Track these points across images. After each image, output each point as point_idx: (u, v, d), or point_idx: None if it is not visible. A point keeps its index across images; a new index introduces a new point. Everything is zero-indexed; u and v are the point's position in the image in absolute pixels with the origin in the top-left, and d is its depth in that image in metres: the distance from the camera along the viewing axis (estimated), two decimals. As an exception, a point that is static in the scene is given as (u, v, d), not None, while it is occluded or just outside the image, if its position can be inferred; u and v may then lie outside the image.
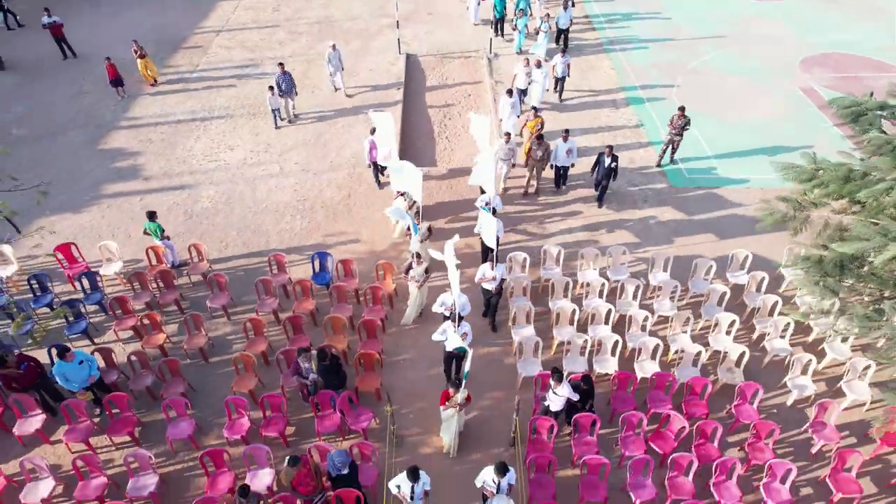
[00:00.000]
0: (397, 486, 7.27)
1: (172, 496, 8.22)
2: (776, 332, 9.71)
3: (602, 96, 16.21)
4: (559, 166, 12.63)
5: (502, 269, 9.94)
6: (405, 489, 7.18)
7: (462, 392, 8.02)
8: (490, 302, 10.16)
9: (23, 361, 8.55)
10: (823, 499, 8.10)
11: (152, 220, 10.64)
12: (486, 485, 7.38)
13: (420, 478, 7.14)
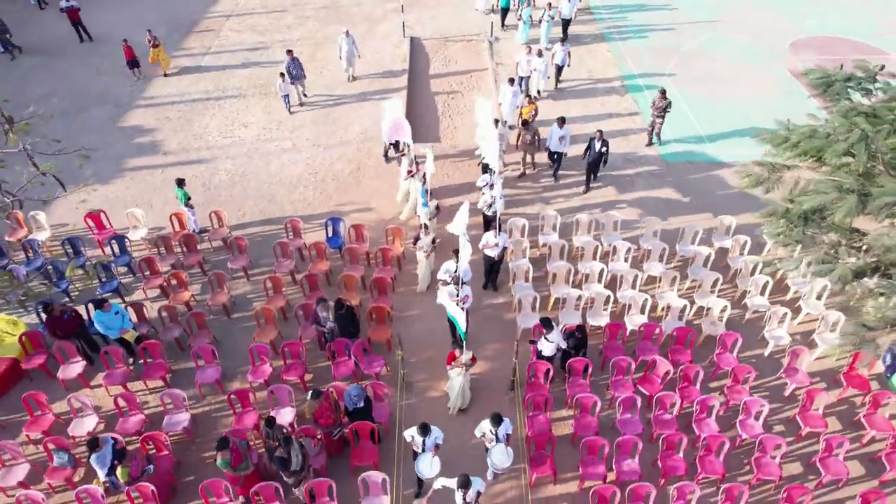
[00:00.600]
0: (411, 436, 7.79)
1: (202, 432, 9.03)
2: (756, 290, 10.50)
3: (601, 84, 16.76)
4: (553, 151, 13.11)
5: (504, 237, 10.67)
6: (417, 440, 7.74)
7: (467, 353, 8.70)
8: (492, 268, 10.90)
9: (66, 311, 9.35)
10: (793, 434, 8.90)
11: (180, 187, 11.39)
12: (485, 435, 7.92)
13: (431, 432, 7.66)
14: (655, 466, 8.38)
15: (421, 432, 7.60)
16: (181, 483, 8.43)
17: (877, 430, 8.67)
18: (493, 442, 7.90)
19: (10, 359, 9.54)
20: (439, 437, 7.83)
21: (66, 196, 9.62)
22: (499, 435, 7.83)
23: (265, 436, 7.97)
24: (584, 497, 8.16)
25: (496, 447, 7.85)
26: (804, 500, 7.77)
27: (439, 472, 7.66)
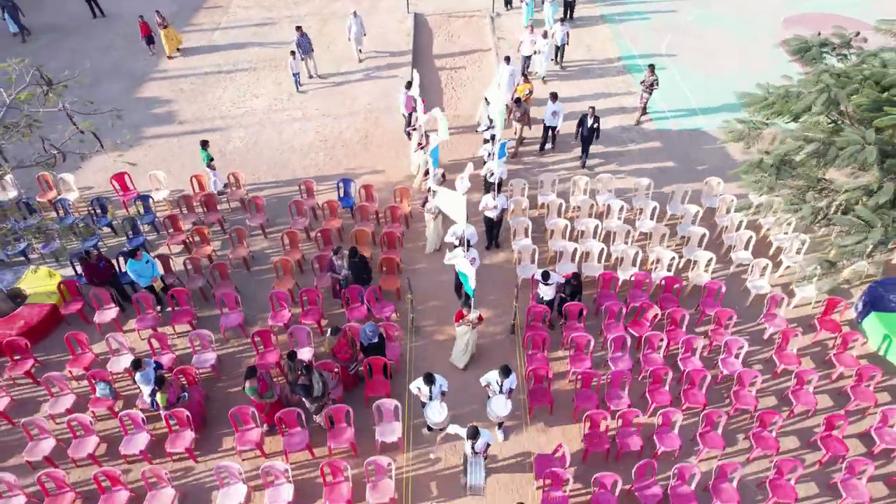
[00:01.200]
0: (417, 387, 8.35)
1: (228, 371, 9.83)
2: (741, 245, 11.27)
3: (601, 64, 17.25)
4: (547, 126, 13.67)
5: (503, 198, 11.39)
6: (424, 390, 8.33)
7: (474, 312, 9.34)
8: (492, 229, 11.61)
9: (101, 260, 10.11)
10: (769, 372, 9.71)
11: (204, 149, 12.10)
12: (490, 385, 8.52)
13: (436, 381, 8.21)
14: (644, 399, 9.18)
15: (426, 381, 8.16)
16: (210, 415, 9.24)
17: (845, 366, 9.48)
18: (496, 393, 8.50)
19: (50, 305, 10.31)
20: (444, 384, 8.41)
21: (103, 152, 10.32)
22: (503, 387, 8.42)
23: (287, 369, 8.77)
24: (578, 425, 8.98)
25: (497, 398, 8.46)
26: (775, 424, 8.60)
27: (447, 416, 8.35)
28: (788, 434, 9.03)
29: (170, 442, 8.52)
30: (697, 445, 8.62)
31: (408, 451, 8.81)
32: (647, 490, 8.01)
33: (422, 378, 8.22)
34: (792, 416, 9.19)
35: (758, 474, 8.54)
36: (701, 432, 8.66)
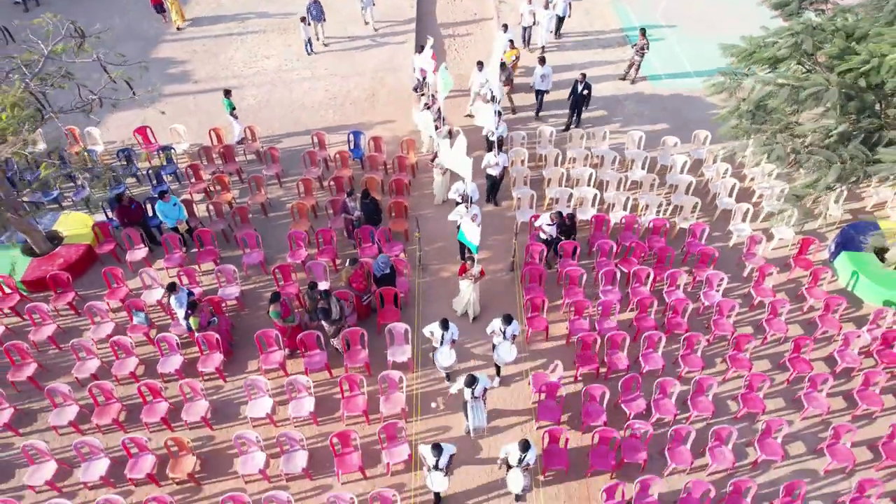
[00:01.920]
0: (430, 332, 8.89)
1: (250, 304, 10.72)
2: (725, 192, 12.08)
3: (602, 35, 17.63)
4: (537, 90, 14.20)
5: (504, 157, 12.07)
6: (437, 335, 8.92)
7: (476, 266, 10.05)
8: (493, 186, 12.29)
9: (133, 202, 10.95)
10: (747, 305, 10.60)
11: (227, 97, 12.87)
12: (494, 332, 9.06)
13: (449, 328, 8.77)
14: (631, 327, 10.09)
15: (442, 326, 8.74)
16: (236, 341, 10.15)
17: (815, 298, 10.37)
18: (500, 339, 9.09)
19: (86, 245, 11.17)
20: (455, 333, 8.97)
21: (135, 98, 11.07)
22: (506, 333, 9.03)
23: (307, 297, 9.65)
24: (571, 348, 9.90)
25: (503, 344, 9.08)
26: (749, 347, 9.53)
27: (454, 362, 9.08)
28: (762, 358, 9.94)
29: (201, 363, 9.45)
30: (679, 366, 9.53)
31: (417, 371, 9.74)
32: (632, 402, 8.95)
33: (437, 323, 8.76)
34: (765, 343, 10.11)
35: (732, 391, 9.48)
36: (682, 354, 9.57)
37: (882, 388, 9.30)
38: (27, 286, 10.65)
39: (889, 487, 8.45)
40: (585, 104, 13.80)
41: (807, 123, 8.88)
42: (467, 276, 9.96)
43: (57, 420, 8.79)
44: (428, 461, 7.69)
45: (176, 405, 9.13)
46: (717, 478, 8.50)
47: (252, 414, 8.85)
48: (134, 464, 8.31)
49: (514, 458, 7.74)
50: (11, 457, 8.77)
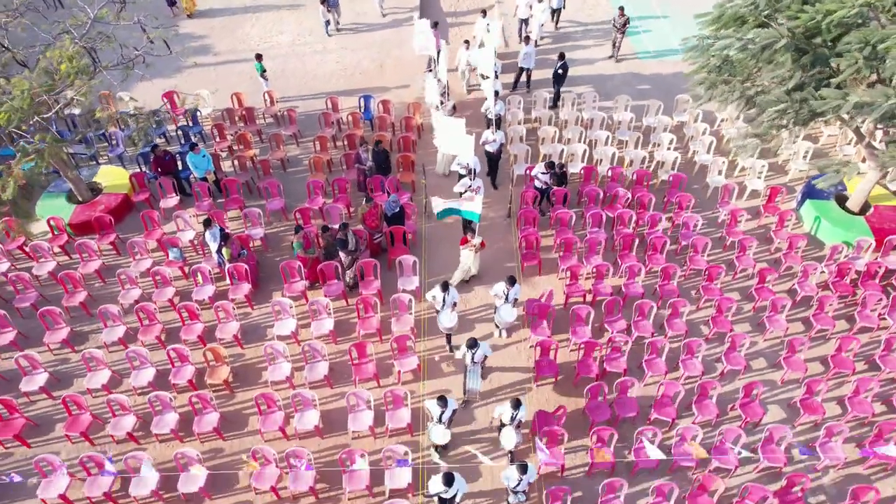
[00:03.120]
0: (433, 296, 9.56)
1: (273, 247, 11.90)
2: (703, 149, 13.25)
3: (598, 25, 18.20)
4: (521, 67, 15.10)
5: (501, 134, 12.94)
6: (438, 298, 9.57)
7: (477, 238, 10.91)
8: (491, 165, 12.88)
9: (167, 154, 12.13)
10: (720, 246, 11.79)
11: (259, 61, 14.11)
12: (497, 295, 9.76)
13: (450, 291, 9.45)
14: (616, 264, 11.26)
15: (443, 288, 9.42)
16: (261, 276, 11.34)
17: (780, 239, 11.55)
18: (503, 301, 9.76)
19: (123, 194, 12.35)
20: (456, 297, 9.70)
21: (172, 55, 12.20)
22: (509, 296, 9.73)
23: (322, 238, 10.78)
24: (562, 281, 11.09)
25: (504, 306, 9.73)
26: (720, 277, 10.72)
27: (455, 323, 9.69)
28: (732, 290, 11.12)
29: (231, 291, 10.64)
30: (657, 295, 10.71)
31: (423, 301, 10.92)
32: (615, 323, 10.14)
33: (439, 286, 9.49)
34: (735, 277, 11.30)
35: (704, 317, 10.67)
36: (660, 284, 10.76)
37: (835, 312, 10.51)
38: (73, 229, 11.82)
39: (835, 393, 9.66)
40: (562, 81, 14.53)
41: (766, 74, 10.03)
42: (468, 247, 10.76)
43: (107, 338, 10.00)
44: (433, 414, 8.44)
45: (210, 328, 10.31)
46: (689, 387, 9.68)
47: (278, 332, 10.05)
48: (177, 372, 9.52)
49: (506, 416, 8.37)
50: (70, 368, 9.98)
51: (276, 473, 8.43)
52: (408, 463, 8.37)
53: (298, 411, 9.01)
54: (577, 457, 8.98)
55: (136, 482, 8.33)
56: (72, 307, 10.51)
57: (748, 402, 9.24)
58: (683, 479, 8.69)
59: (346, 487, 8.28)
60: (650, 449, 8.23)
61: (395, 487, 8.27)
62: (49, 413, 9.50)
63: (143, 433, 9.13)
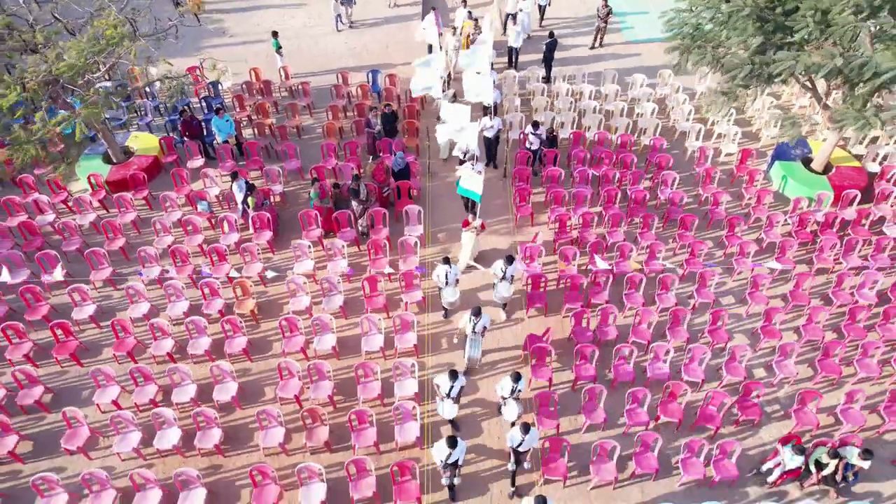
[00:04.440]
0: (437, 275, 10.25)
1: (291, 200, 13.13)
2: (683, 117, 14.49)
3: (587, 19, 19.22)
4: (510, 47, 16.30)
5: (498, 120, 13.72)
6: (442, 273, 10.15)
7: (478, 220, 11.82)
8: (490, 147, 13.79)
9: (194, 118, 13.36)
10: (697, 201, 13.02)
11: (275, 38, 15.32)
12: (496, 273, 10.41)
13: (452, 267, 10.05)
14: (601, 215, 12.47)
15: (444, 262, 10.14)
16: (280, 226, 12.55)
17: (749, 193, 12.78)
18: (500, 278, 10.35)
19: (153, 156, 13.57)
20: (458, 273, 10.48)
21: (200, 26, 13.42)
22: (506, 273, 10.31)
23: (333, 189, 11.99)
24: (553, 227, 12.30)
25: (502, 283, 10.30)
26: (694, 225, 11.94)
27: (457, 298, 10.38)
28: (706, 238, 12.33)
29: (255, 237, 11.85)
30: (638, 241, 11.93)
31: (428, 247, 12.13)
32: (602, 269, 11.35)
33: (441, 261, 10.17)
34: (709, 227, 12.52)
35: (678, 259, 11.89)
36: (640, 232, 11.98)
37: (795, 255, 11.75)
38: (109, 186, 13.04)
39: (791, 323, 10.87)
40: (551, 58, 15.71)
41: (733, 40, 11.25)
42: (470, 229, 11.43)
43: (146, 274, 11.21)
44: (442, 389, 8.75)
45: (237, 267, 11.52)
46: (663, 319, 10.88)
47: (299, 270, 11.25)
48: (208, 304, 10.73)
49: (507, 390, 8.75)
50: (113, 303, 11.20)
51: (298, 385, 9.64)
52: (415, 376, 9.59)
53: (317, 335, 10.22)
54: (564, 374, 10.19)
55: (177, 392, 9.55)
56: (112, 251, 11.71)
57: (715, 329, 10.45)
58: (657, 391, 9.89)
59: (361, 396, 9.48)
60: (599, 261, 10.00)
61: (404, 395, 9.47)
62: (96, 339, 10.71)
63: (180, 355, 10.32)
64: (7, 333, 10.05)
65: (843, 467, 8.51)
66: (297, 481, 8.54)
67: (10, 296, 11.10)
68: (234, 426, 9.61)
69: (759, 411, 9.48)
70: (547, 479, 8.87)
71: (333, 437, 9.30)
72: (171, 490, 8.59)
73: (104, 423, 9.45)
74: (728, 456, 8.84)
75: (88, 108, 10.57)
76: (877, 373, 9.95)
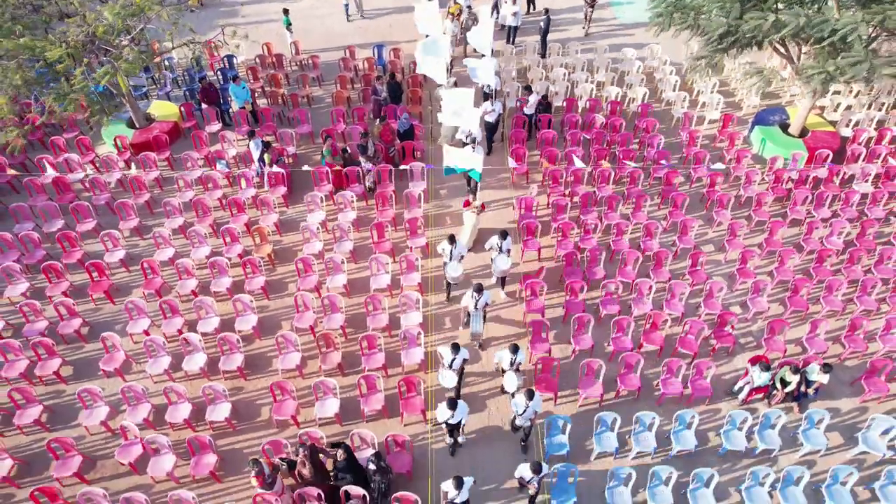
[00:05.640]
0: (442, 249, 10.56)
1: (302, 162, 14.06)
2: (669, 88, 15.46)
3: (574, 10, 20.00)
4: (508, 26, 17.14)
5: (499, 104, 14.69)
6: (446, 250, 10.51)
7: (478, 200, 12.55)
8: (491, 133, 14.42)
9: (212, 85, 14.33)
10: (681, 163, 13.97)
11: (286, 15, 16.28)
12: (493, 248, 10.71)
13: (456, 243, 10.43)
14: (591, 174, 13.42)
15: (449, 241, 10.44)
16: (293, 182, 13.51)
17: (730, 155, 13.73)
18: (497, 252, 10.70)
19: (174, 122, 14.53)
20: (463, 250, 10.75)
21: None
22: (502, 247, 10.66)
23: (342, 153, 12.93)
24: (546, 184, 13.26)
25: (500, 256, 10.66)
26: (677, 181, 12.90)
27: (461, 274, 10.69)
28: (690, 195, 13.28)
29: (270, 191, 12.80)
30: (625, 195, 12.87)
31: (430, 201, 13.08)
32: (588, 213, 12.30)
33: (446, 239, 10.48)
34: (692, 185, 13.48)
35: (663, 212, 12.83)
36: (628, 187, 12.93)
37: (770, 208, 12.71)
38: (133, 148, 13.99)
39: (765, 269, 11.81)
40: (546, 34, 16.61)
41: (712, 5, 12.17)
42: (471, 209, 12.02)
43: (170, 224, 12.15)
44: (445, 360, 9.22)
45: (253, 218, 12.47)
46: (647, 264, 11.82)
47: (312, 220, 12.19)
48: (228, 249, 11.69)
49: (506, 362, 9.20)
50: (140, 251, 12.14)
51: (313, 317, 10.59)
52: (419, 309, 10.54)
53: (330, 275, 11.17)
54: (556, 311, 11.13)
55: (202, 323, 10.50)
56: (139, 205, 12.66)
57: (695, 270, 11.40)
58: (640, 324, 10.83)
59: (370, 325, 10.43)
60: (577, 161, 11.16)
61: (409, 327, 10.40)
62: (126, 282, 11.66)
63: (205, 293, 11.26)
64: (47, 273, 11.00)
65: (804, 383, 9.46)
66: (313, 400, 9.46)
67: (46, 245, 12.05)
68: (254, 355, 10.55)
69: (733, 340, 10.43)
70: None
71: (345, 363, 10.24)
72: (199, 406, 9.55)
73: (137, 351, 10.40)
74: (703, 376, 9.78)
75: (129, 62, 11.52)
76: (840, 307, 10.90)
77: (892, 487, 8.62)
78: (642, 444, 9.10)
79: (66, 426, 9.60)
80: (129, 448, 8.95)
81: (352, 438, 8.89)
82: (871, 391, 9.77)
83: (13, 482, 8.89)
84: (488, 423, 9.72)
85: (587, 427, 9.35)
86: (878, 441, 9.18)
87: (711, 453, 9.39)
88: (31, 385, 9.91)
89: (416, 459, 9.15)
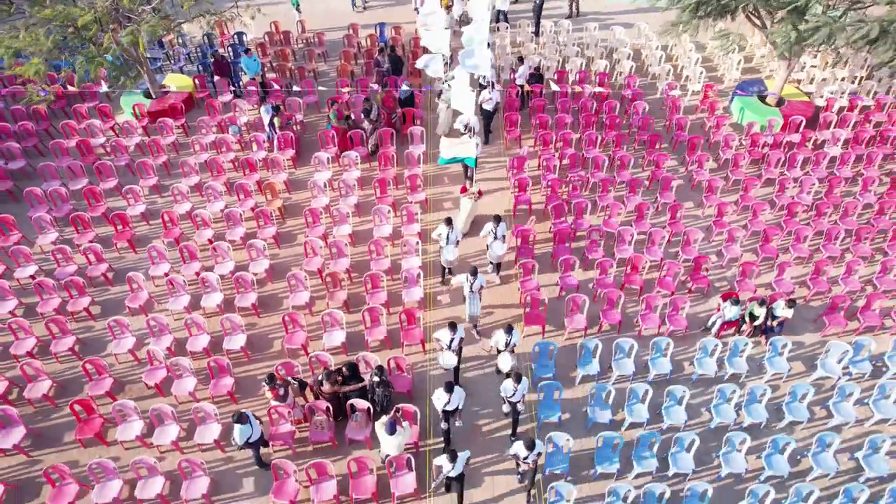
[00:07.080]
0: (439, 234, 10.81)
1: (310, 129, 14.99)
2: (656, 62, 16.38)
3: None
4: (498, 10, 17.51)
5: (496, 93, 15.48)
6: (443, 234, 10.73)
7: (475, 186, 13.25)
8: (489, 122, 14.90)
9: (224, 58, 15.26)
10: (666, 131, 14.87)
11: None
12: (488, 236, 11.00)
13: (453, 227, 10.70)
14: (580, 139, 14.32)
15: (446, 224, 10.70)
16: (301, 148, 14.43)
17: (711, 121, 14.65)
18: (493, 238, 10.92)
19: (188, 92, 15.46)
20: (459, 234, 11.30)
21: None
22: (497, 233, 10.90)
23: (346, 119, 13.84)
24: (538, 147, 14.17)
25: (495, 242, 10.91)
26: (659, 143, 13.81)
27: (456, 258, 11.05)
28: (672, 156, 14.18)
29: (280, 152, 13.70)
30: (611, 157, 13.78)
31: (428, 164, 13.99)
32: (576, 173, 13.21)
33: (443, 223, 10.77)
34: (675, 149, 14.39)
35: (646, 173, 13.74)
36: (613, 151, 13.84)
37: (746, 170, 13.62)
38: (150, 116, 14.91)
39: (740, 222, 12.72)
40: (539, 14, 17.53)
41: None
42: (468, 195, 12.26)
43: (187, 182, 13.06)
44: (443, 341, 9.31)
45: (262, 179, 13.38)
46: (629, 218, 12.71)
47: (318, 180, 13.10)
48: (241, 203, 12.60)
49: (501, 342, 9.40)
50: (158, 206, 13.06)
51: (321, 261, 11.51)
52: (419, 255, 11.46)
53: (336, 224, 12.09)
54: (551, 278, 12.03)
55: (218, 267, 11.41)
56: (157, 165, 13.57)
57: (674, 222, 12.32)
58: (622, 270, 11.72)
59: (374, 268, 11.34)
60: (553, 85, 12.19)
61: (409, 268, 11.29)
62: (146, 234, 12.57)
63: (219, 240, 12.17)
64: (75, 224, 11.92)
65: (771, 317, 10.37)
66: (321, 334, 10.36)
67: (73, 202, 12.96)
68: (267, 296, 11.46)
69: (708, 282, 11.34)
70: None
71: (350, 303, 11.14)
72: (217, 339, 10.46)
73: (160, 293, 11.32)
74: (679, 311, 10.69)
75: (151, 24, 12.46)
76: (807, 255, 11.82)
77: (844, 403, 9.53)
78: (622, 369, 9.99)
79: (97, 356, 10.50)
80: (155, 372, 9.86)
81: (357, 361, 9.79)
82: (831, 325, 10.68)
83: (52, 400, 9.81)
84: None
85: (572, 360, 10.23)
86: (834, 366, 10.09)
87: (685, 381, 10.28)
88: (65, 318, 10.82)
89: (415, 385, 10.05)
